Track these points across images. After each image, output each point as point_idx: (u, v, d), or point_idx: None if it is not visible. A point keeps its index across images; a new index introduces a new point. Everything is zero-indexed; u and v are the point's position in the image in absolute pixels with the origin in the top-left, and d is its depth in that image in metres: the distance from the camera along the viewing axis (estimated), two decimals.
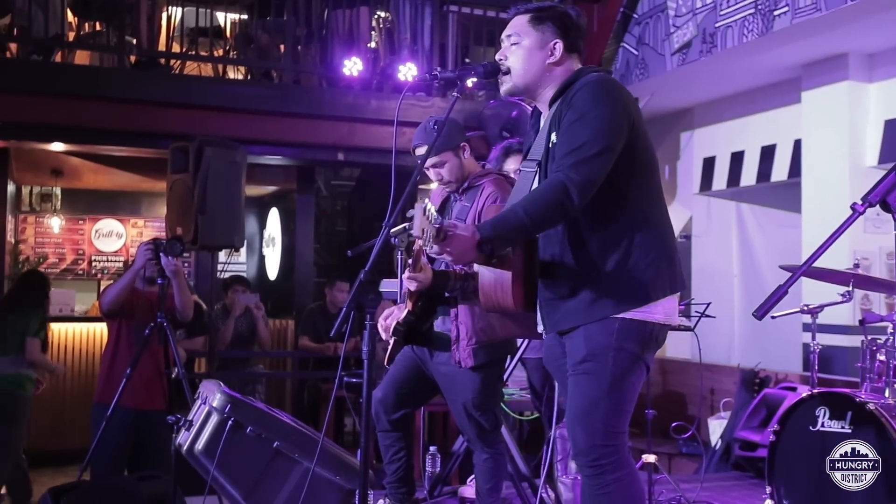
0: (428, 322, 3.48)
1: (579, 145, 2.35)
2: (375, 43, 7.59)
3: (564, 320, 2.46)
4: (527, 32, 2.58)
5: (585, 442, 2.38)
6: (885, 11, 5.63)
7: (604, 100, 2.43)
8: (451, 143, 3.44)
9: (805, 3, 5.84)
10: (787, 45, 6.34)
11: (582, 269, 2.42)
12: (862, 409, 3.45)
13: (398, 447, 3.56)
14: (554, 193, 2.30)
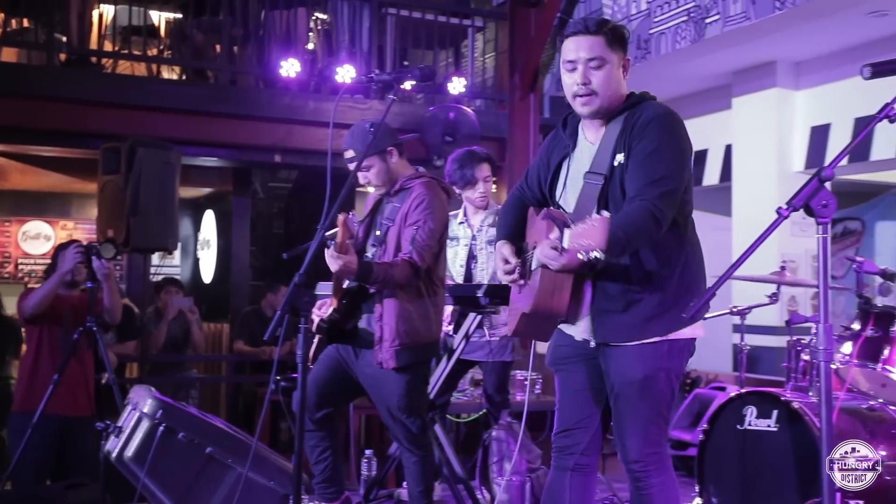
0: (352, 321, 3.47)
1: (660, 177, 2.48)
2: (313, 44, 7.54)
3: (619, 334, 2.59)
4: (607, 55, 2.62)
5: (637, 453, 2.60)
6: (811, 21, 5.80)
7: (679, 135, 2.59)
8: (377, 148, 3.43)
9: (735, 12, 5.98)
10: (718, 53, 6.49)
11: (640, 287, 2.56)
12: (787, 407, 3.54)
13: (323, 447, 3.55)
14: (645, 221, 2.41)
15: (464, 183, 4.37)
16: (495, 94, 7.87)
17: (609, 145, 2.61)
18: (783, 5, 5.62)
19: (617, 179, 2.56)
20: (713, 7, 6.16)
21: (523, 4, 7.60)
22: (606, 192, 2.58)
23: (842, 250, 8.62)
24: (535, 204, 2.89)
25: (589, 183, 2.62)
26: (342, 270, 3.23)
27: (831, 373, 3.57)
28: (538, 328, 2.78)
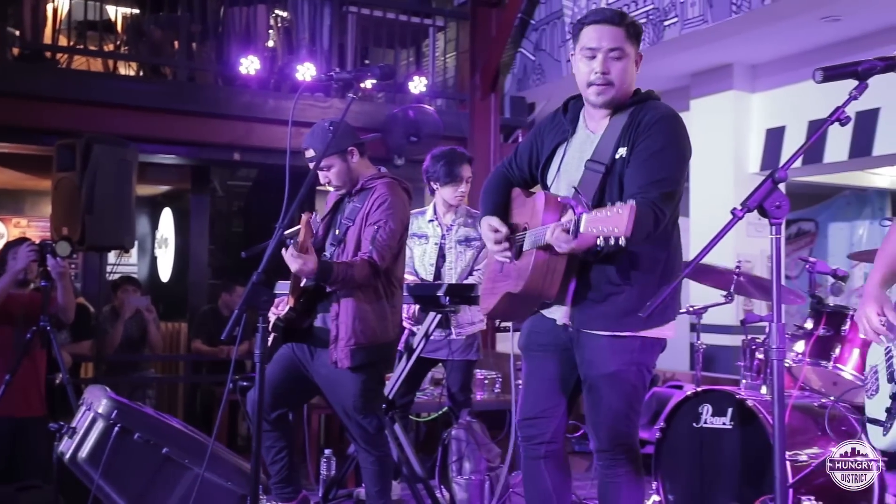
0: (308, 320, 3.46)
1: (662, 178, 2.54)
2: (273, 42, 7.49)
3: (595, 323, 2.64)
4: (626, 46, 2.65)
5: (608, 442, 2.68)
6: (767, 25, 5.89)
7: (683, 139, 2.64)
8: (338, 147, 3.42)
9: (693, 15, 6.05)
10: (676, 55, 6.57)
11: (621, 280, 2.61)
12: (742, 405, 3.59)
13: (279, 447, 3.53)
14: (647, 218, 2.44)
15: (448, 179, 4.34)
16: (456, 94, 7.88)
17: (613, 137, 2.64)
18: (739, 9, 5.70)
19: (617, 172, 2.60)
20: (671, 10, 6.23)
21: (484, 4, 7.64)
22: (605, 182, 2.62)
23: (796, 251, 8.77)
24: (521, 183, 2.92)
25: (590, 171, 2.65)
26: (302, 270, 3.21)
27: (784, 371, 3.64)
28: (518, 310, 2.82)
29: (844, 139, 6.23)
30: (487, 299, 2.86)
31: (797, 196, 8.37)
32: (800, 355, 3.61)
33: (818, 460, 3.46)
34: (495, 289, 2.81)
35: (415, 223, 4.42)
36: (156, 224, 9.46)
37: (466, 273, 4.39)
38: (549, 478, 2.80)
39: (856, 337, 3.51)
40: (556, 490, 2.80)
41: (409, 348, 4.05)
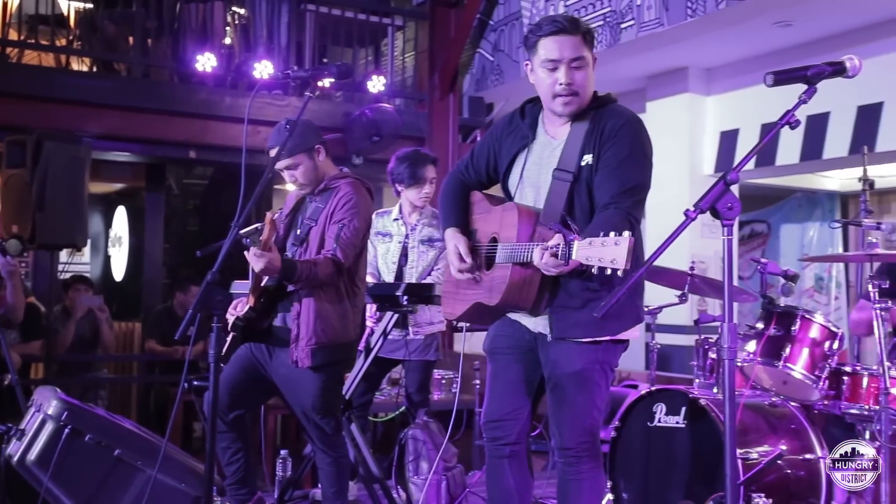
0: (268, 320, 3.43)
1: (633, 186, 2.59)
2: (230, 39, 7.42)
3: (577, 330, 2.66)
4: (587, 54, 2.67)
5: (572, 440, 2.70)
6: (721, 29, 5.98)
7: (646, 142, 2.68)
8: (305, 146, 3.40)
9: (650, 18, 6.12)
10: (632, 57, 6.64)
11: (600, 288, 2.63)
12: (695, 404, 3.64)
13: (235, 448, 3.49)
14: (625, 228, 2.43)
15: (412, 181, 4.35)
16: (415, 94, 7.88)
17: (576, 144, 2.65)
18: (695, 13, 5.78)
19: (584, 179, 2.63)
20: (628, 12, 6.30)
21: (443, 4, 7.64)
22: (573, 190, 2.64)
23: (749, 252, 8.91)
24: (478, 186, 2.92)
25: (558, 180, 2.67)
26: (266, 269, 3.18)
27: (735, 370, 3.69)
28: (487, 317, 2.84)
29: (796, 142, 6.34)
30: (453, 305, 2.86)
31: (750, 198, 8.51)
32: (751, 355, 3.66)
33: (768, 458, 3.52)
34: (461, 295, 2.81)
35: (380, 222, 4.42)
36: (109, 222, 9.32)
37: (427, 273, 4.40)
38: (512, 477, 2.83)
39: (805, 337, 3.57)
40: (519, 489, 2.84)
41: (369, 348, 4.05)
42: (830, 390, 3.52)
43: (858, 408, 3.45)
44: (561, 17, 2.70)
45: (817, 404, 3.65)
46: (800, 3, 5.48)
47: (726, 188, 2.11)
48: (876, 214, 4.09)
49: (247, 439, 3.56)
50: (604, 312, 2.19)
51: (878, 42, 5.80)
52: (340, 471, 3.52)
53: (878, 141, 5.82)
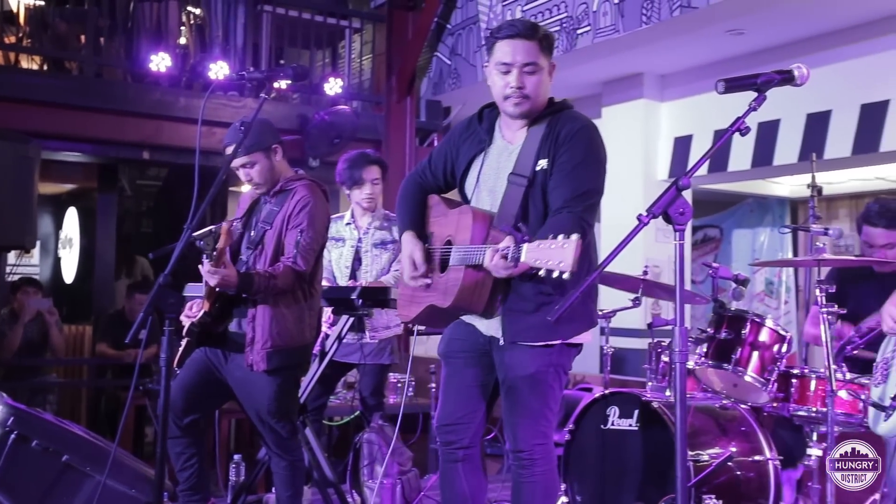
0: (223, 324, 3.40)
1: (586, 191, 2.62)
2: (185, 39, 7.34)
3: (529, 334, 2.67)
4: (541, 60, 2.69)
5: (525, 443, 2.71)
6: (676, 36, 6.06)
7: (600, 148, 2.71)
8: (263, 145, 3.37)
9: (605, 24, 6.19)
10: (589, 63, 6.70)
11: (552, 292, 2.64)
12: (647, 407, 3.68)
13: (189, 454, 3.45)
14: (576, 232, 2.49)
15: (352, 183, 4.37)
16: (372, 97, 7.86)
17: (532, 149, 2.68)
18: (649, 20, 5.85)
19: (539, 184, 2.65)
20: (584, 18, 6.35)
21: (401, 7, 7.64)
22: (528, 195, 2.66)
23: (702, 256, 9.04)
24: (436, 190, 2.94)
25: (513, 185, 2.69)
26: (222, 285, 3.15)
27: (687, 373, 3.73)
28: (441, 320, 2.86)
29: (747, 149, 6.45)
30: (408, 307, 2.87)
31: (703, 203, 8.63)
32: (702, 358, 3.71)
33: (719, 460, 3.57)
34: (416, 297, 2.82)
35: (333, 227, 4.41)
36: (60, 223, 9.15)
37: (381, 276, 4.40)
38: (466, 481, 2.84)
39: (755, 340, 3.63)
40: (473, 493, 2.84)
41: (323, 352, 4.02)
42: (779, 393, 3.58)
43: (806, 410, 3.51)
44: (520, 21, 2.73)
45: (766, 407, 3.71)
46: (751, 13, 5.58)
47: (678, 194, 2.14)
48: (824, 220, 4.17)
49: (201, 445, 3.52)
50: (557, 316, 2.20)
51: (827, 52, 5.93)
52: (296, 474, 3.49)
53: (826, 148, 5.95)
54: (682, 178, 2.14)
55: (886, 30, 5.66)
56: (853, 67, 5.87)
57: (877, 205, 3.79)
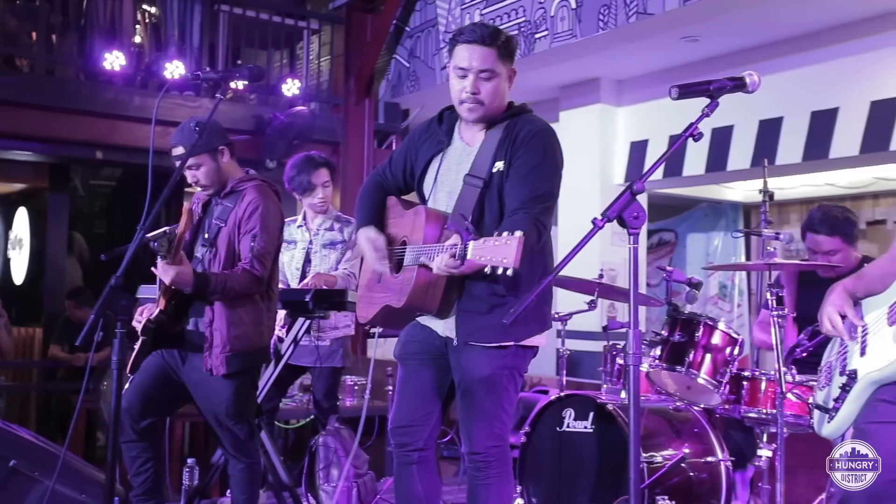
0: (179, 324, 3.36)
1: (543, 194, 2.62)
2: (141, 38, 7.25)
3: (482, 335, 2.68)
4: (498, 67, 2.69)
5: (481, 445, 2.71)
6: (632, 42, 6.13)
7: (557, 152, 2.73)
8: (209, 146, 3.34)
9: (563, 29, 6.23)
10: (546, 67, 6.74)
11: (506, 293, 2.65)
12: (602, 409, 3.71)
13: (145, 458, 3.40)
14: (532, 235, 2.52)
15: (302, 189, 4.36)
16: (330, 98, 7.84)
17: (489, 151, 2.70)
18: (606, 25, 5.90)
19: (495, 185, 2.67)
20: (542, 23, 6.39)
21: (360, 9, 7.63)
22: (484, 196, 2.67)
23: (657, 260, 9.14)
24: (396, 191, 2.94)
25: (468, 186, 2.70)
26: (176, 281, 3.11)
27: (641, 376, 3.77)
28: (398, 320, 2.86)
29: (702, 154, 6.54)
30: (365, 308, 2.87)
31: (659, 207, 8.73)
32: (656, 360, 3.75)
33: (672, 461, 3.61)
34: (373, 298, 2.82)
35: (285, 230, 4.38)
36: (10, 224, 8.97)
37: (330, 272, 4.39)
38: (421, 483, 2.83)
39: (708, 343, 3.68)
40: (427, 495, 2.84)
41: (278, 354, 3.99)
42: (731, 395, 3.63)
43: (757, 411, 3.56)
44: (482, 26, 2.73)
45: (719, 408, 3.76)
46: (705, 20, 5.66)
47: (632, 198, 2.16)
48: (776, 225, 4.24)
49: (157, 449, 3.47)
50: (513, 318, 2.21)
51: (779, 59, 6.04)
52: (253, 477, 3.46)
53: (778, 154, 6.05)
54: (636, 182, 2.16)
55: (836, 39, 5.78)
56: (804, 75, 5.98)
57: (819, 212, 3.87)
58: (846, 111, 5.73)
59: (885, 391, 2.29)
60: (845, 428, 2.41)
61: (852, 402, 2.37)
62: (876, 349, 2.33)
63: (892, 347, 2.26)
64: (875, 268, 2.47)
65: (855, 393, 2.36)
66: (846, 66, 5.76)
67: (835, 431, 2.45)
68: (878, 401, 2.31)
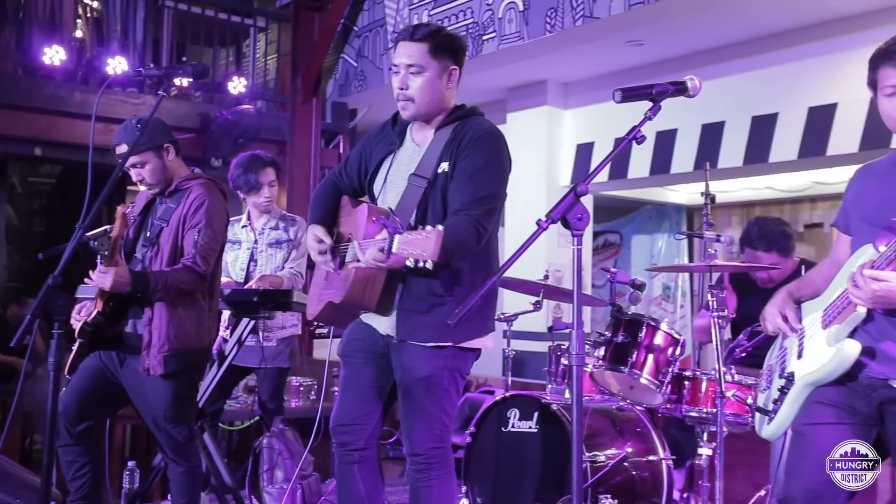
0: (118, 326, 3.30)
1: (486, 195, 2.61)
2: (82, 32, 7.11)
3: (419, 333, 2.68)
4: (428, 63, 2.67)
5: (421, 445, 2.71)
6: (578, 45, 6.19)
7: (504, 154, 2.71)
8: (153, 144, 3.29)
9: (510, 31, 6.27)
10: (494, 69, 6.77)
11: (445, 291, 2.66)
12: (546, 409, 3.74)
13: (82, 462, 3.33)
14: (471, 235, 2.54)
15: (248, 188, 4.32)
16: (277, 97, 7.77)
17: (436, 152, 2.69)
18: (553, 28, 5.95)
19: (439, 186, 2.66)
20: (490, 25, 6.42)
21: (307, 8, 7.58)
22: (428, 196, 2.67)
23: (603, 261, 9.24)
24: (351, 192, 2.94)
25: (412, 185, 2.70)
26: (115, 285, 3.06)
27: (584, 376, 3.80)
28: (341, 317, 2.86)
29: (646, 157, 6.63)
30: (314, 305, 2.88)
31: (604, 209, 8.83)
32: (600, 361, 3.79)
33: (615, 460, 3.65)
34: (321, 296, 2.82)
35: (230, 230, 4.34)
36: None
37: (277, 272, 4.35)
38: (363, 483, 2.83)
39: (651, 343, 3.73)
40: (369, 496, 2.83)
41: (222, 355, 3.95)
42: (673, 394, 3.68)
43: (697, 411, 3.62)
44: (417, 24, 2.75)
45: (661, 408, 3.81)
46: (650, 24, 5.74)
47: (576, 199, 2.18)
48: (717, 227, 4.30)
49: (95, 453, 3.40)
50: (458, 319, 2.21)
51: (722, 64, 6.15)
52: (192, 481, 3.41)
53: (720, 157, 6.16)
54: (580, 184, 2.18)
55: (776, 45, 5.91)
56: (745, 80, 6.11)
57: (756, 227, 3.96)
58: (785, 116, 5.86)
59: (821, 393, 2.36)
60: (784, 429, 2.47)
61: (790, 403, 2.43)
62: (812, 352, 2.39)
63: (826, 350, 2.32)
64: (817, 273, 2.56)
65: (792, 395, 2.42)
66: (785, 73, 5.90)
67: (774, 433, 2.51)
68: (814, 402, 2.37)
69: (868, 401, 2.28)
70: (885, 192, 2.32)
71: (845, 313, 2.28)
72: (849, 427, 2.30)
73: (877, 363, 2.25)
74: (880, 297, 2.14)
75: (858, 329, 2.28)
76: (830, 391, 2.33)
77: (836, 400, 2.32)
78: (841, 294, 2.30)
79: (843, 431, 2.31)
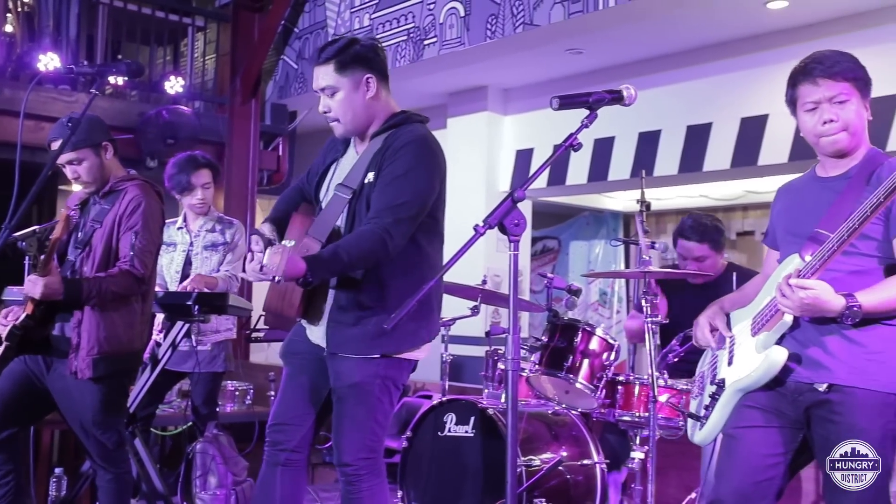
0: (46, 329, 3.22)
1: (400, 203, 2.58)
2: (12, 27, 6.92)
3: (347, 346, 2.66)
4: (338, 81, 2.66)
5: (350, 455, 2.67)
6: (518, 52, 6.24)
7: (428, 162, 2.67)
8: (91, 141, 3.23)
9: (451, 37, 6.29)
10: (435, 74, 6.79)
11: (373, 305, 2.63)
12: (483, 413, 3.75)
13: (6, 470, 3.24)
14: (374, 244, 2.52)
15: (181, 189, 4.28)
16: (215, 97, 7.66)
17: (365, 161, 2.69)
18: (494, 35, 5.99)
19: (364, 196, 2.65)
20: (431, 30, 6.43)
21: (247, 8, 7.50)
22: (354, 206, 2.66)
23: (541, 266, 9.32)
24: (312, 199, 2.93)
25: (337, 195, 2.70)
26: (46, 294, 2.98)
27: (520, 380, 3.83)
28: (278, 322, 2.84)
29: (584, 164, 6.71)
30: None
31: (543, 215, 8.91)
32: (536, 365, 3.82)
33: (550, 464, 3.69)
34: None
35: (165, 232, 4.27)
36: None
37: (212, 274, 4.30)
38: (281, 487, 2.78)
39: (586, 348, 3.77)
40: (284, 502, 2.77)
41: (154, 359, 3.88)
42: (607, 399, 3.73)
43: (631, 415, 3.67)
44: (322, 47, 2.74)
45: (595, 412, 3.86)
46: (589, 33, 5.81)
47: (513, 205, 2.20)
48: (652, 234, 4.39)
49: (19, 460, 3.31)
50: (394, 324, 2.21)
51: (659, 74, 6.26)
52: (122, 488, 3.34)
53: (656, 166, 6.27)
54: (517, 190, 2.20)
55: (710, 57, 6.04)
56: (681, 90, 6.23)
57: (690, 220, 4.08)
58: (719, 126, 5.99)
59: (750, 397, 2.41)
60: (715, 434, 2.53)
61: (721, 409, 2.49)
62: (741, 359, 2.45)
63: (755, 357, 2.38)
64: (751, 286, 2.63)
65: (723, 400, 2.48)
66: (719, 83, 6.03)
67: (706, 438, 2.56)
68: (743, 406, 2.43)
69: (795, 405, 2.34)
70: (808, 205, 2.40)
71: (773, 321, 2.34)
72: (777, 430, 2.37)
73: (803, 368, 2.32)
74: (807, 304, 2.20)
75: (786, 336, 2.34)
76: (760, 395, 2.39)
77: (765, 404, 2.38)
78: (769, 302, 2.37)
79: (771, 434, 2.37)
